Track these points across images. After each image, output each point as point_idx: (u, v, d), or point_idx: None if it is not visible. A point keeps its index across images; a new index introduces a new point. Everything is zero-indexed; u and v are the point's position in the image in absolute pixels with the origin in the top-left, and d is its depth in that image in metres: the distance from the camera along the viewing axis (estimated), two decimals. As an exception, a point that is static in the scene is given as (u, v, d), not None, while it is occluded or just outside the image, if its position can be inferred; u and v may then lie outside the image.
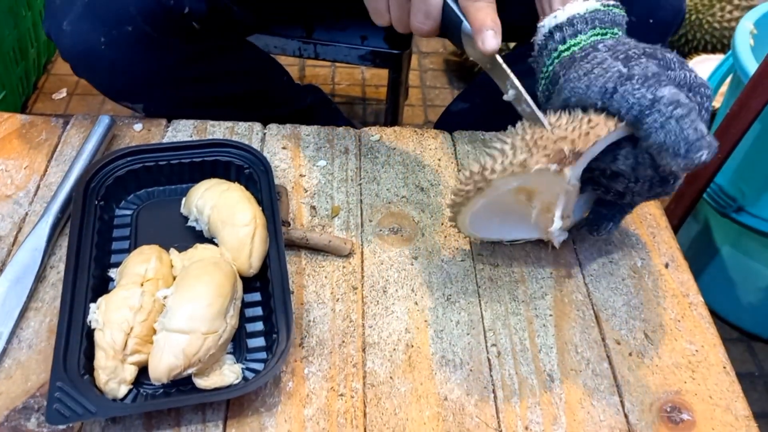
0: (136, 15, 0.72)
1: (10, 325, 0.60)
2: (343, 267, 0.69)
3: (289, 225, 0.72)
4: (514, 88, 0.61)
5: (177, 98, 0.83)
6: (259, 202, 0.69)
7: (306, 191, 0.76)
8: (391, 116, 1.30)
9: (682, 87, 0.56)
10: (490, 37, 0.59)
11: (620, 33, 0.61)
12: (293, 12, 1.04)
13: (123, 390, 0.56)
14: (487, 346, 0.63)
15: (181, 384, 0.57)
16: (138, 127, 0.80)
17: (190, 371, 0.55)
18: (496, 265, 0.70)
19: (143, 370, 0.57)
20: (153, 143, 0.78)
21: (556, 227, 0.63)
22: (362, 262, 0.70)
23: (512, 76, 0.61)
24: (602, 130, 0.56)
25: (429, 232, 0.73)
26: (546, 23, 0.62)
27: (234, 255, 0.63)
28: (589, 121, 0.57)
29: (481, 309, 0.66)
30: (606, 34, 0.60)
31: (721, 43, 1.70)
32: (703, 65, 1.61)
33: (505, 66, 0.61)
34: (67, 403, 0.52)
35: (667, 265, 0.71)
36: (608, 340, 0.64)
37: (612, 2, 0.61)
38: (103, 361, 0.55)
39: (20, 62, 1.41)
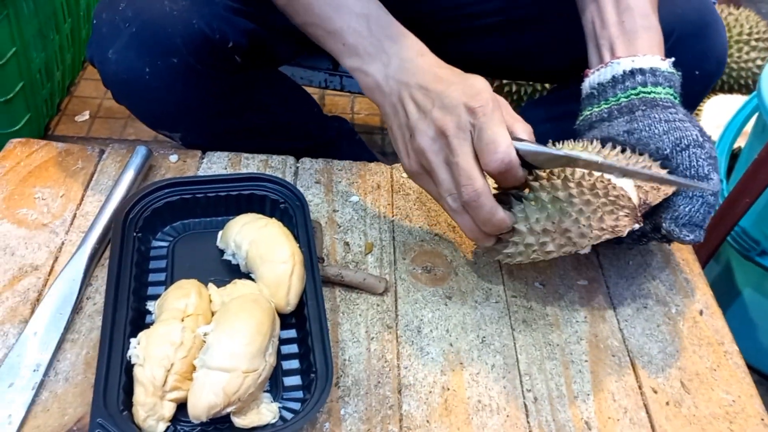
0: (182, 47, 0.73)
1: (48, 356, 0.60)
2: (377, 305, 0.69)
3: (323, 261, 0.72)
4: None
5: (213, 128, 0.84)
6: (295, 238, 0.69)
7: (339, 227, 0.76)
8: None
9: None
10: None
11: None
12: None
13: (161, 427, 0.55)
14: (523, 391, 0.63)
15: (219, 422, 0.57)
16: (174, 158, 0.81)
17: (229, 410, 0.55)
18: (529, 308, 0.70)
19: (181, 406, 0.57)
20: (190, 176, 0.78)
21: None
22: (396, 300, 0.70)
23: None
24: (669, 189, 0.61)
25: (462, 271, 0.73)
26: (624, 63, 0.67)
27: (272, 291, 0.63)
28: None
29: (516, 352, 0.66)
30: (677, 98, 0.67)
31: (738, 83, 1.72)
32: (722, 105, 1.62)
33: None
34: (108, 440, 0.52)
35: (701, 312, 0.71)
36: (645, 387, 0.64)
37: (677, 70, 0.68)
38: (142, 398, 0.55)
39: (46, 84, 1.43)
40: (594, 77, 0.69)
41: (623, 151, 0.64)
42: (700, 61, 0.79)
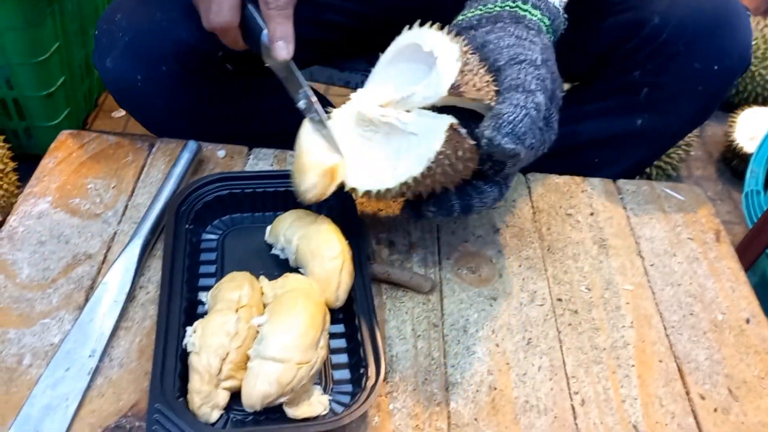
0: (171, 56, 0.75)
1: (103, 343, 0.61)
2: (423, 304, 0.69)
3: (370, 259, 0.72)
4: (305, 97, 0.66)
5: (215, 135, 0.84)
6: (344, 234, 0.69)
7: (384, 225, 0.77)
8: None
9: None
10: (281, 48, 0.65)
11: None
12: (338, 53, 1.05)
13: (215, 415, 0.56)
14: (570, 393, 0.63)
15: (271, 412, 0.57)
16: (221, 153, 0.82)
17: (282, 400, 0.56)
18: (575, 311, 0.70)
19: (234, 395, 0.57)
20: (240, 171, 0.79)
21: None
22: (441, 300, 0.70)
23: (305, 84, 0.66)
24: (489, 95, 0.59)
25: (506, 273, 0.73)
26: None
27: (322, 287, 0.64)
28: (488, 82, 0.59)
29: (562, 355, 0.66)
30: (549, 31, 0.64)
31: (773, 95, 1.71)
32: (756, 116, 1.61)
33: (298, 74, 0.66)
34: (166, 425, 0.52)
35: (748, 321, 0.71)
36: (692, 394, 0.64)
37: None
38: (198, 385, 0.56)
39: (85, 79, 1.45)
40: None
41: None
42: (718, 57, 0.75)
